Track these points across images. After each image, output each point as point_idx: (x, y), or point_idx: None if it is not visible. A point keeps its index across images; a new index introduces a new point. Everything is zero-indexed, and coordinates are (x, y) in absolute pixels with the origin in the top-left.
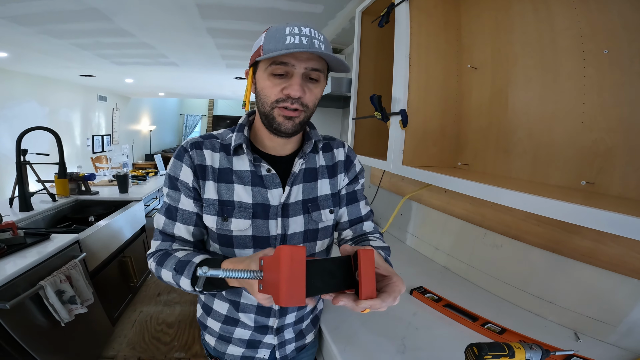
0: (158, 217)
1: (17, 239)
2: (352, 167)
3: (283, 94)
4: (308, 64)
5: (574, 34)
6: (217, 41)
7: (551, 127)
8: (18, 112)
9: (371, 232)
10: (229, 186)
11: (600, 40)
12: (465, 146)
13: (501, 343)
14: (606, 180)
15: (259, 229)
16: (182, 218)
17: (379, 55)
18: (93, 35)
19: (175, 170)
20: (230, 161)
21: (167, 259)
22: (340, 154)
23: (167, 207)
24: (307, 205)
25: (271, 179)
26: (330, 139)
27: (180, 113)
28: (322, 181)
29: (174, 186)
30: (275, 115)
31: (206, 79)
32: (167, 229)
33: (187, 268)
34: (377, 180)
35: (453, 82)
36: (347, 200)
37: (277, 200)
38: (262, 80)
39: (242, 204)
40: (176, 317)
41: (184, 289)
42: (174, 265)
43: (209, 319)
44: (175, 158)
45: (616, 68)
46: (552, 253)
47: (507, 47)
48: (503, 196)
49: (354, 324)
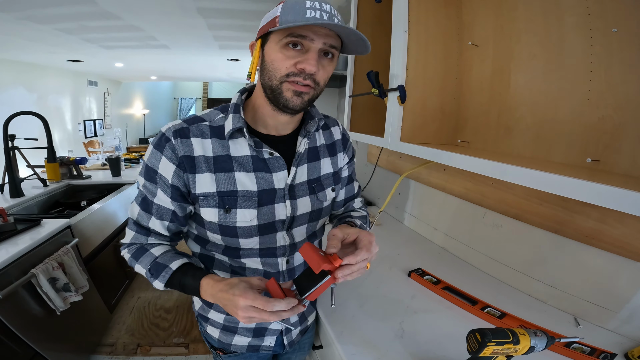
0: (133, 207)
1: (7, 226)
2: (349, 146)
3: (296, 68)
4: (327, 40)
5: (581, 12)
6: (208, 22)
7: (556, 104)
8: (5, 98)
9: (359, 208)
10: (229, 175)
11: (609, 18)
12: (465, 123)
13: (505, 329)
14: (612, 158)
15: (265, 216)
16: (157, 213)
17: (376, 32)
18: (77, 19)
19: (153, 162)
20: (226, 147)
21: (143, 255)
22: (337, 133)
23: (143, 197)
24: (312, 186)
25: (275, 161)
26: (325, 117)
27: (175, 96)
28: (324, 160)
29: (151, 178)
30: (283, 89)
31: (199, 61)
32: (142, 221)
33: (162, 273)
34: (374, 158)
35: (453, 58)
36: (347, 181)
37: (282, 182)
38: (274, 53)
39: (246, 193)
40: (174, 302)
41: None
42: (149, 266)
43: (211, 311)
44: (155, 147)
45: (625, 47)
46: (555, 234)
47: (510, 24)
48: (506, 172)
49: (351, 307)
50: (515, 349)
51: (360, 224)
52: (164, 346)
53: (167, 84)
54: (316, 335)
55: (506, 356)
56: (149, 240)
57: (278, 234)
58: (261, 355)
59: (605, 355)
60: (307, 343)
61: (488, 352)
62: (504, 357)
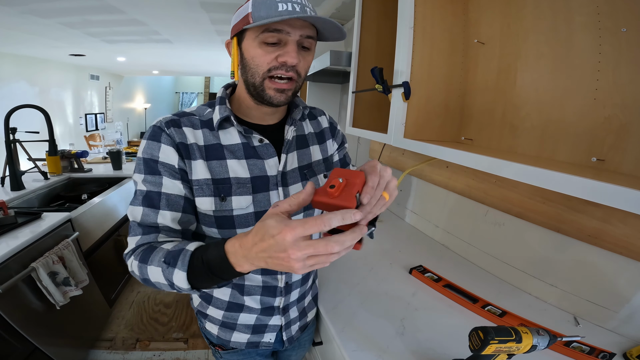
0: (133, 210)
1: (8, 219)
2: (337, 132)
3: (278, 61)
4: (303, 32)
5: (591, 11)
6: (211, 16)
7: (562, 103)
8: (7, 92)
9: None
10: (221, 162)
11: (619, 18)
12: (470, 121)
13: (508, 327)
14: (618, 158)
15: (260, 203)
16: (167, 204)
17: (381, 28)
18: (80, 13)
19: (151, 152)
20: (217, 136)
21: (153, 253)
22: (324, 121)
23: (144, 194)
24: (304, 172)
25: (265, 148)
26: (311, 108)
27: (176, 91)
28: (313, 147)
29: (152, 171)
30: (265, 87)
31: (202, 55)
32: (148, 219)
33: (180, 258)
34: (377, 155)
35: (458, 56)
36: (341, 165)
37: (274, 169)
38: (252, 49)
39: (239, 180)
40: (174, 296)
41: (179, 288)
42: (163, 258)
43: (209, 307)
44: (150, 139)
45: (635, 46)
46: (557, 233)
47: (517, 22)
48: (511, 169)
49: (352, 304)
50: (517, 347)
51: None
52: (163, 341)
53: (168, 78)
54: (316, 332)
55: (508, 354)
56: (158, 238)
57: None
58: (260, 351)
59: (604, 354)
60: (307, 339)
61: (490, 350)
62: (505, 355)
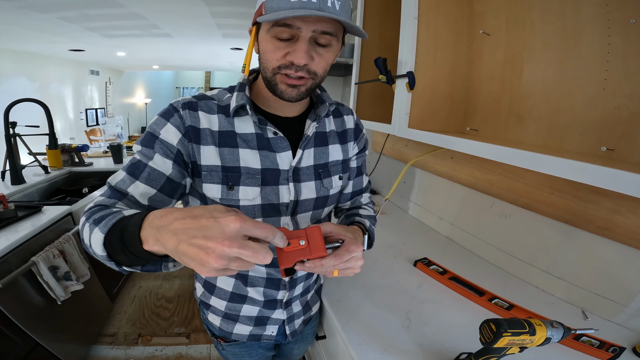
0: (117, 173)
1: (8, 212)
2: (361, 137)
3: (286, 60)
4: (317, 27)
5: (599, 2)
6: (212, 9)
7: (570, 93)
8: (7, 87)
9: (367, 204)
10: (233, 150)
11: (628, 9)
12: (475, 111)
13: (521, 319)
14: (628, 147)
15: (268, 196)
16: (147, 178)
17: (384, 20)
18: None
19: (155, 128)
20: (232, 123)
21: (99, 212)
22: (350, 122)
23: (134, 162)
24: (319, 171)
25: (279, 141)
26: (339, 104)
27: (177, 86)
28: (332, 146)
29: (149, 143)
30: (277, 81)
31: (202, 50)
32: (122, 185)
33: (108, 218)
34: (379, 146)
35: (463, 46)
36: (356, 173)
37: (287, 164)
38: (265, 43)
39: (249, 170)
40: (175, 291)
41: (94, 252)
42: (97, 216)
43: (212, 297)
44: (161, 116)
45: None
46: (565, 224)
47: (524, 13)
48: (521, 157)
49: (356, 297)
50: (531, 339)
51: (369, 225)
52: (165, 336)
53: (169, 73)
54: (319, 325)
55: (520, 347)
56: (117, 204)
57: (282, 218)
58: (263, 344)
59: (614, 348)
60: (310, 333)
61: (503, 342)
62: (517, 348)
